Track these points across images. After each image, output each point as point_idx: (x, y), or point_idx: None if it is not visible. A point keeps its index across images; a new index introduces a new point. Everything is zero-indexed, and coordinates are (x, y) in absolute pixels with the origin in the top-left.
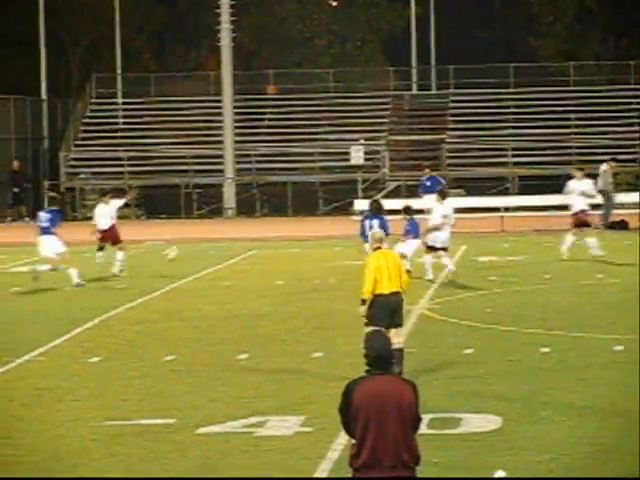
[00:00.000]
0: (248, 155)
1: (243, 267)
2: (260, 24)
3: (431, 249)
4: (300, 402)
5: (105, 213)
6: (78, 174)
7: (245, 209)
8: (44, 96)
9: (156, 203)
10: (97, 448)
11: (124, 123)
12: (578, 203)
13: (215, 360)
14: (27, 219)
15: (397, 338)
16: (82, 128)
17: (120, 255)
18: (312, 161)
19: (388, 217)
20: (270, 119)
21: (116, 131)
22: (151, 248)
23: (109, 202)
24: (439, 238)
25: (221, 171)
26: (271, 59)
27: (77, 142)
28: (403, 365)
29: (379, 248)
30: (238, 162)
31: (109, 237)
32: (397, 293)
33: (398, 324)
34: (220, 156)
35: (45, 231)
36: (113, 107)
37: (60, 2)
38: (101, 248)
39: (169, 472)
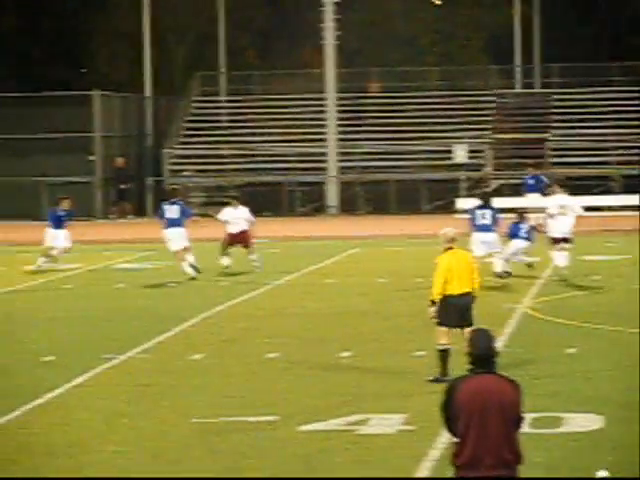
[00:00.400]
0: (351, 153)
1: (346, 265)
2: (364, 22)
3: (555, 241)
4: (402, 400)
5: (235, 217)
6: (181, 171)
7: (348, 207)
8: (148, 94)
9: (259, 201)
10: (199, 445)
11: (227, 121)
12: None
13: (318, 358)
14: (131, 216)
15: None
16: (186, 125)
17: (253, 256)
18: (415, 159)
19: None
20: (373, 117)
21: (219, 129)
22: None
23: (237, 207)
24: (559, 228)
25: (324, 169)
26: (375, 57)
27: (181, 139)
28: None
29: (451, 248)
30: (341, 160)
31: (239, 241)
32: (467, 294)
33: (468, 324)
34: (323, 154)
35: (175, 223)
36: (217, 105)
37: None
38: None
39: (271, 469)
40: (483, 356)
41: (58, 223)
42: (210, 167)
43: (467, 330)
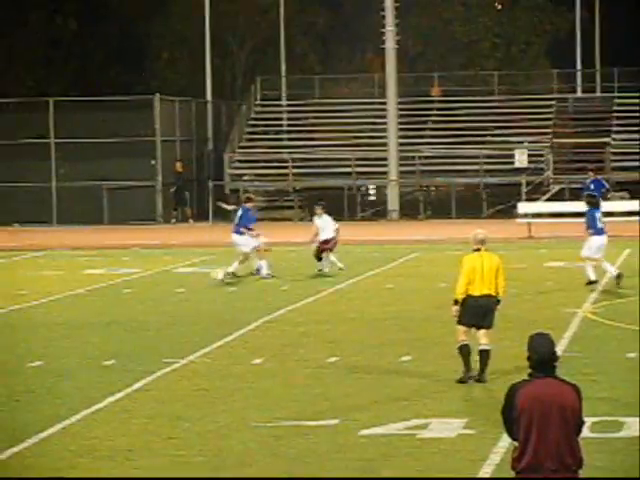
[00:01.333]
0: (412, 157)
1: (406, 269)
2: (425, 26)
3: None
4: (463, 404)
5: (325, 225)
6: (242, 176)
7: (409, 211)
8: (209, 98)
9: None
10: (260, 449)
11: (288, 125)
12: None
13: (378, 362)
14: (191, 221)
15: (484, 339)
16: (246, 130)
17: (332, 257)
18: (476, 163)
19: (550, 220)
20: (434, 121)
21: (280, 133)
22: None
23: (322, 215)
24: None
25: (385, 173)
26: (436, 61)
27: (241, 144)
28: (487, 366)
29: (478, 250)
30: (402, 164)
31: (330, 247)
32: (488, 296)
33: (487, 326)
34: (384, 158)
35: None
36: (277, 109)
37: (226, 4)
38: (320, 258)
39: (331, 473)
40: (544, 360)
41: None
42: (270, 171)
43: (482, 332)
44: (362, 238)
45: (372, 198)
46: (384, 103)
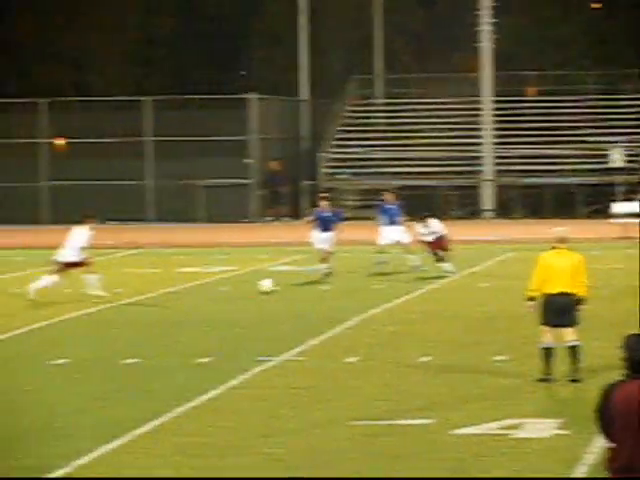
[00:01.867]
0: (507, 157)
1: (501, 269)
2: (520, 25)
3: None
4: (557, 404)
5: (435, 228)
6: (337, 174)
7: (503, 210)
8: (304, 97)
9: (414, 204)
10: (353, 447)
11: (383, 124)
12: None
13: (472, 361)
14: (286, 219)
15: (571, 336)
16: (341, 128)
17: (413, 256)
18: (571, 163)
19: None
20: (529, 121)
21: (375, 132)
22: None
23: (427, 222)
24: None
25: (480, 172)
26: (531, 61)
27: (336, 142)
28: (580, 362)
29: (555, 247)
30: (497, 164)
31: (438, 247)
32: (567, 294)
33: (568, 324)
34: (479, 157)
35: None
36: (372, 108)
37: (321, 3)
38: (440, 259)
39: (423, 472)
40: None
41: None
42: (365, 170)
43: (566, 331)
44: (456, 237)
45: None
46: (479, 102)
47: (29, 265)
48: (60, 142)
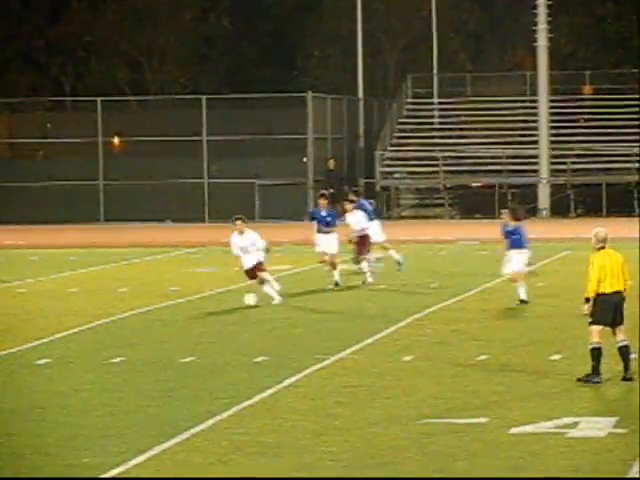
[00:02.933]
0: (563, 155)
1: (557, 267)
2: (577, 24)
3: None
4: (613, 403)
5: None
6: (393, 173)
7: (559, 209)
8: (361, 95)
9: (470, 203)
10: (409, 446)
11: (439, 123)
12: None
13: (528, 360)
14: (342, 218)
15: (622, 335)
16: (398, 127)
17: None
18: (627, 162)
19: None
20: (586, 119)
21: (431, 131)
22: (463, 248)
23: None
24: None
25: (535, 171)
26: (588, 59)
27: (392, 141)
28: (631, 361)
29: (603, 248)
30: (553, 162)
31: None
32: (619, 292)
33: (620, 322)
34: (535, 156)
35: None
36: (428, 107)
37: (378, 2)
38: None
39: (480, 471)
40: None
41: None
42: (421, 169)
43: (619, 329)
44: None
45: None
46: (535, 101)
47: (85, 264)
48: (116, 141)
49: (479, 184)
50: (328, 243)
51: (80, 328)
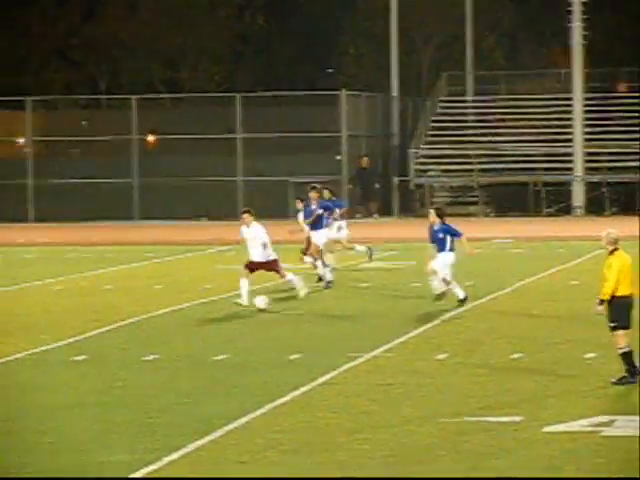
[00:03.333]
0: (598, 153)
1: (591, 266)
2: (612, 22)
3: None
4: None
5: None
6: (427, 171)
7: (594, 207)
8: (395, 93)
9: (504, 201)
10: (443, 444)
11: (474, 121)
12: None
13: (562, 359)
14: (376, 216)
15: (626, 339)
16: (432, 125)
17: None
18: None
19: None
20: (621, 117)
21: (465, 129)
22: (498, 246)
23: None
24: None
25: (570, 169)
26: (623, 57)
27: (426, 139)
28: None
29: (617, 249)
30: (587, 160)
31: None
32: (632, 295)
33: (630, 325)
34: (569, 154)
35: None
36: (463, 105)
37: (412, 0)
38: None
39: (514, 470)
40: None
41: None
42: (455, 167)
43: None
44: (547, 234)
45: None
46: (570, 99)
47: (121, 261)
48: (151, 138)
49: None
50: (318, 236)
51: (115, 325)
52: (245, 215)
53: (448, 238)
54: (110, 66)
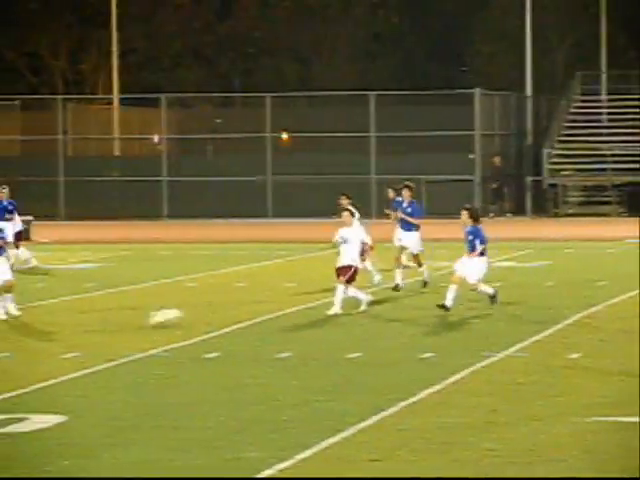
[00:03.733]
0: None
1: None
2: None
3: None
4: None
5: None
6: (560, 171)
7: None
8: (529, 93)
9: (638, 200)
10: (574, 443)
11: (608, 120)
12: None
13: None
14: (509, 215)
15: None
16: (565, 125)
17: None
18: None
19: None
20: None
21: (599, 128)
22: (630, 246)
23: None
24: None
25: None
26: None
27: (560, 138)
28: None
29: None
30: None
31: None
32: None
33: None
34: None
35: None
36: (597, 104)
37: None
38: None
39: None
40: None
41: None
42: (589, 166)
43: None
44: None
45: None
46: None
47: (253, 259)
48: (285, 136)
49: None
50: (410, 238)
51: (247, 323)
52: (346, 213)
53: (477, 242)
54: (244, 64)
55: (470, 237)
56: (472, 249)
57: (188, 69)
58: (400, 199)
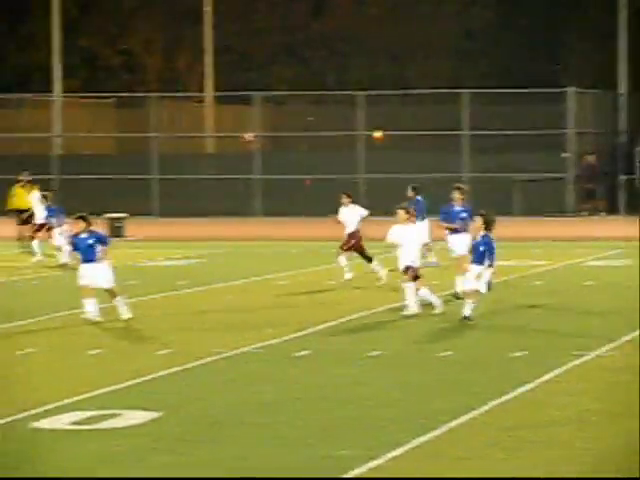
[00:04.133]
0: None
1: None
2: None
3: None
4: None
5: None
6: None
7: None
8: (623, 90)
9: None
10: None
11: None
12: None
13: None
14: (603, 213)
15: None
16: None
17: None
18: None
19: None
20: None
21: None
22: None
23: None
24: None
25: None
26: None
27: None
28: None
29: None
30: None
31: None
32: None
33: None
34: None
35: None
36: None
37: None
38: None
39: None
40: None
41: None
42: None
43: None
44: None
45: None
46: None
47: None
48: (377, 134)
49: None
50: (459, 243)
51: (339, 321)
52: (400, 211)
53: (487, 254)
54: (337, 62)
55: (482, 248)
56: (479, 261)
57: (281, 67)
58: (419, 198)
